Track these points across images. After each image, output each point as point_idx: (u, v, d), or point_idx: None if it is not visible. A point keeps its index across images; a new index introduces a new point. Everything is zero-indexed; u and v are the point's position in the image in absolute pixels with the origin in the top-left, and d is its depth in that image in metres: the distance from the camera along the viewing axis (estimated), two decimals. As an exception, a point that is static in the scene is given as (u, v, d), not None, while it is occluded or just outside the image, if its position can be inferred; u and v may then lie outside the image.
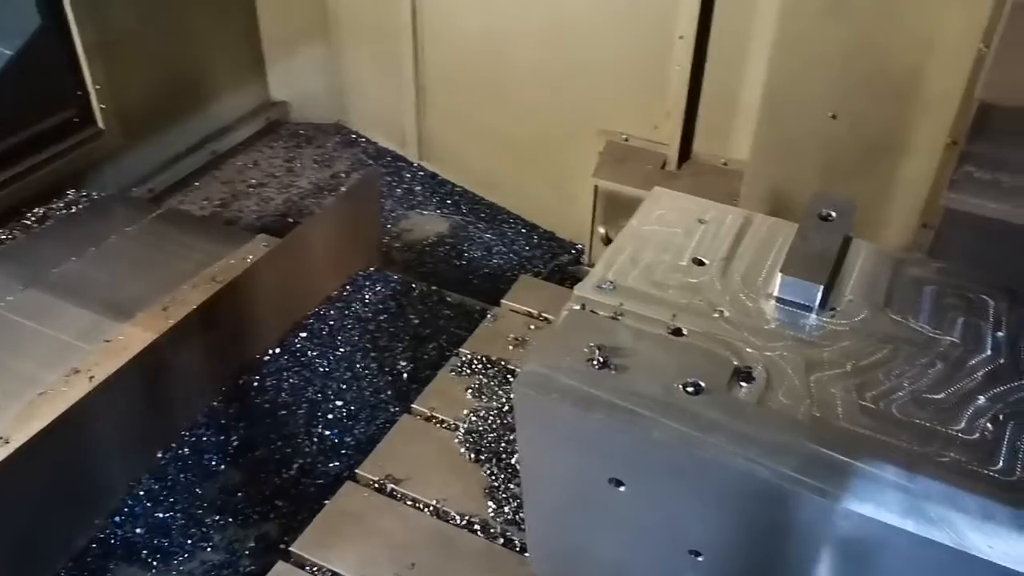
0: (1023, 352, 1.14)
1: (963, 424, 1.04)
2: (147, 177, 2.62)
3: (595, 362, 1.13)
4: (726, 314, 1.21)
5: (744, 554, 1.12)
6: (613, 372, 1.12)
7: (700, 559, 1.16)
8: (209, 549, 1.63)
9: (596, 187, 2.33)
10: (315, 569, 1.51)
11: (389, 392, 1.95)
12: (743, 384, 1.10)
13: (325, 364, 2.00)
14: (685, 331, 1.18)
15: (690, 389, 1.08)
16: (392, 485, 1.64)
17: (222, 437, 1.82)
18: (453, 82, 2.64)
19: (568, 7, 2.29)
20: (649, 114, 2.29)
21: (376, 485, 1.65)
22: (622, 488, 1.14)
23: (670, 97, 2.22)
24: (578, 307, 1.22)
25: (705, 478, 1.06)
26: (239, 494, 1.72)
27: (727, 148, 2.25)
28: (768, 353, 1.15)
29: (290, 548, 1.53)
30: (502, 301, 2.13)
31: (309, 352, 2.02)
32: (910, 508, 0.95)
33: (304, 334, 2.06)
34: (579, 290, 1.25)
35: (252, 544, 1.64)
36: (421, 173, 2.82)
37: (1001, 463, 0.99)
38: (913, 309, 1.21)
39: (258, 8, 2.87)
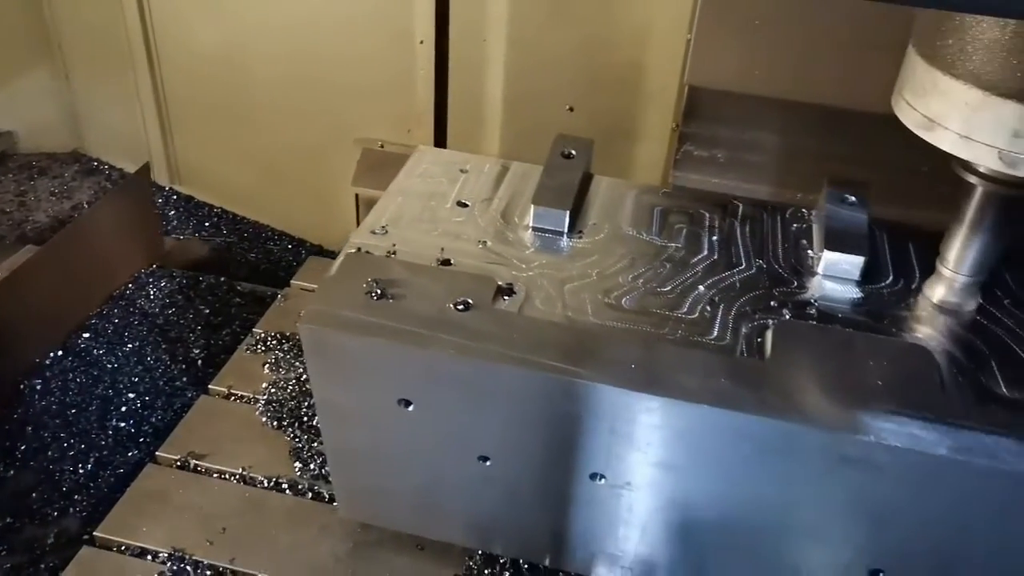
0: (732, 250, 1.36)
1: (687, 308, 1.24)
2: None
3: (373, 295, 1.23)
4: (489, 244, 1.35)
5: (525, 449, 1.26)
6: (390, 301, 1.22)
7: (488, 464, 1.29)
8: (4, 553, 1.57)
9: (357, 196, 2.35)
10: (122, 549, 1.50)
11: (184, 379, 1.95)
12: (506, 298, 1.24)
13: (113, 360, 1.96)
14: (453, 261, 1.31)
15: (460, 307, 1.21)
16: (195, 461, 1.66)
17: (7, 443, 1.75)
18: (199, 99, 2.50)
19: (307, 16, 2.23)
20: (402, 119, 2.30)
21: (178, 464, 1.66)
22: (411, 408, 1.25)
23: (419, 101, 2.25)
24: (354, 251, 1.32)
25: (480, 381, 1.19)
26: (33, 495, 1.67)
27: (479, 147, 2.29)
28: (527, 273, 1.30)
29: (94, 533, 1.52)
30: (292, 281, 2.18)
31: (95, 351, 1.98)
32: (650, 378, 1.13)
33: (88, 334, 2.01)
34: (354, 236, 1.35)
35: (51, 541, 1.60)
36: (174, 197, 2.66)
37: (716, 333, 1.20)
38: (646, 226, 1.41)
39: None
